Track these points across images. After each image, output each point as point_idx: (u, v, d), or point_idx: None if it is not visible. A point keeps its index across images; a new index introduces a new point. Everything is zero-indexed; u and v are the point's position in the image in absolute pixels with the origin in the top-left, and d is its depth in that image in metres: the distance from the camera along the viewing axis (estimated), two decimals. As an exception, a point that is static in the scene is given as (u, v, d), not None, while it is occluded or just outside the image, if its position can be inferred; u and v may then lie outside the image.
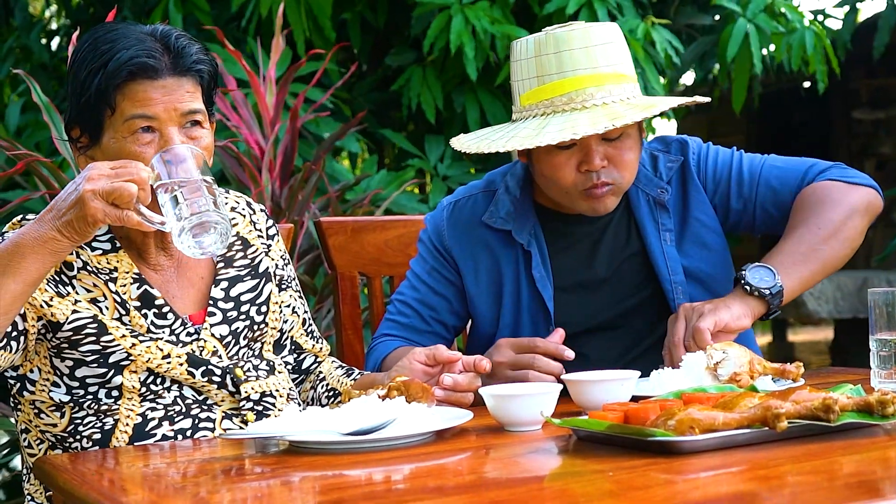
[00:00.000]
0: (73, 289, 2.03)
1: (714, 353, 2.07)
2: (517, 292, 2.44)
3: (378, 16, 5.32)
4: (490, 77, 5.08)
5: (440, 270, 2.51)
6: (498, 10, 4.88)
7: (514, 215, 2.45)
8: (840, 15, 6.77)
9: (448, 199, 2.57)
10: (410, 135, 5.66)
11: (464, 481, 1.59)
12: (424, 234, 2.56)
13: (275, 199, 4.02)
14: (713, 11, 5.58)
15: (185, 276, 2.15)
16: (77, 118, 2.04)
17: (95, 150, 2.04)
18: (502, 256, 2.45)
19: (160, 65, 1.99)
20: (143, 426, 2.03)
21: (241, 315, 2.17)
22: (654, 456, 1.59)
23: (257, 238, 2.27)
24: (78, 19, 5.98)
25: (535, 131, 2.24)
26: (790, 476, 1.50)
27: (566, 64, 2.27)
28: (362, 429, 1.78)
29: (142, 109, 1.98)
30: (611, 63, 2.28)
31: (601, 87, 2.26)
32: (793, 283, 2.27)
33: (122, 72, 1.97)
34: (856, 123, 9.79)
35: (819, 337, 11.64)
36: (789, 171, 2.46)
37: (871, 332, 2.03)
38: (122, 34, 2.01)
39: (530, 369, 2.17)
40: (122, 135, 1.99)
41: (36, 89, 3.46)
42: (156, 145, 1.99)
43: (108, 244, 2.09)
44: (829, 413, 1.63)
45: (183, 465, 1.78)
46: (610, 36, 2.30)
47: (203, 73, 2.05)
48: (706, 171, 2.47)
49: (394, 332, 2.51)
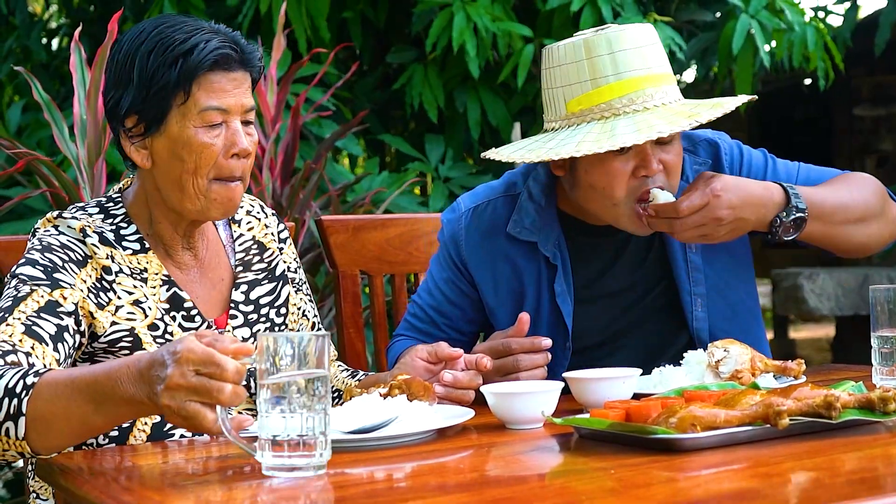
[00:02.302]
0: (114, 294, 2.02)
1: (715, 351, 2.07)
2: (538, 305, 2.37)
3: (379, 14, 5.32)
4: (492, 75, 5.08)
5: (456, 282, 2.45)
6: (499, 7, 4.87)
7: (538, 225, 2.35)
8: (841, 12, 6.76)
9: (467, 204, 2.46)
10: (412, 134, 5.66)
11: (465, 479, 1.59)
12: (442, 236, 2.49)
13: (276, 197, 4.02)
14: (714, 8, 5.57)
15: (207, 277, 2.16)
16: (138, 107, 2.02)
17: (155, 138, 2.03)
18: (525, 269, 2.38)
19: (236, 57, 2.02)
20: (161, 425, 2.03)
21: (261, 318, 2.18)
22: (655, 453, 1.59)
23: (272, 241, 2.27)
24: (78, 18, 5.98)
25: (605, 135, 2.13)
26: (792, 473, 1.50)
27: (621, 65, 2.17)
28: (364, 427, 1.78)
29: (217, 101, 2.00)
30: (661, 64, 2.22)
31: (658, 88, 2.18)
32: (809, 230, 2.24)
33: (207, 61, 1.98)
34: (857, 120, 9.78)
35: (820, 334, 11.64)
36: (828, 178, 2.41)
37: (873, 329, 2.03)
38: (192, 25, 2.03)
39: (517, 372, 2.14)
40: (194, 124, 2.00)
41: (37, 87, 3.46)
42: (223, 138, 2.01)
43: (136, 244, 2.09)
44: (830, 410, 1.63)
45: (184, 464, 1.78)
46: (653, 37, 2.23)
47: (259, 70, 2.09)
48: (739, 170, 2.39)
49: (410, 333, 2.50)
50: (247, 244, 2.24)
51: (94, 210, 2.12)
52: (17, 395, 1.72)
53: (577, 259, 2.38)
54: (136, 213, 2.12)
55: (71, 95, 3.35)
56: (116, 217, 2.11)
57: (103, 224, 2.08)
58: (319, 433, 1.55)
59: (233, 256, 2.22)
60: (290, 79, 4.18)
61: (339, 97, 5.26)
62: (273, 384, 1.54)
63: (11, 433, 1.74)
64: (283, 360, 1.54)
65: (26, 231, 4.12)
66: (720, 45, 5.19)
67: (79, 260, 2.02)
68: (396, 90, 5.25)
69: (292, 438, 1.53)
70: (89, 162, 3.34)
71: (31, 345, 1.88)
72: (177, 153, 2.01)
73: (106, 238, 2.06)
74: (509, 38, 4.82)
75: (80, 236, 2.04)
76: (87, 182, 3.34)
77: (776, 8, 5.24)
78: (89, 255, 2.03)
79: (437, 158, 5.12)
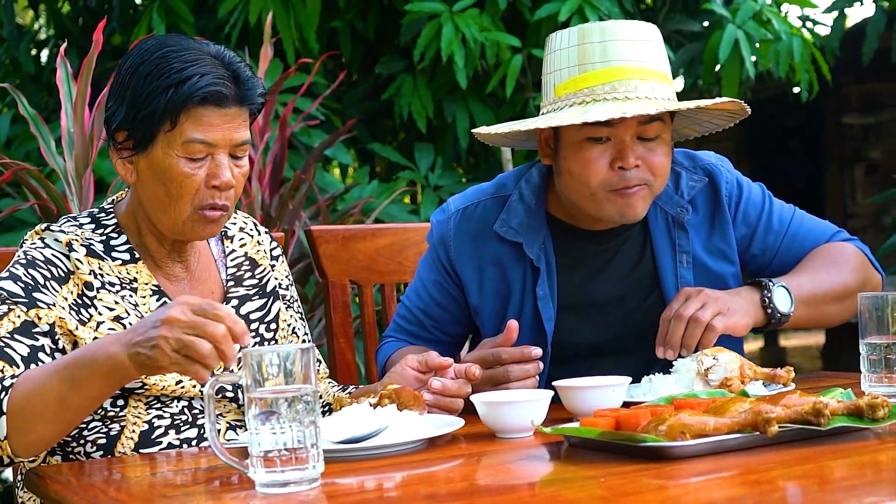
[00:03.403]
0: (95, 310, 2.03)
1: (705, 359, 2.07)
2: (521, 308, 2.36)
3: (368, 24, 5.32)
4: (480, 85, 5.08)
5: (443, 284, 2.45)
6: (488, 17, 4.88)
7: (526, 226, 2.35)
8: (828, 21, 6.79)
9: (456, 205, 2.45)
10: (401, 143, 5.66)
11: (455, 488, 1.59)
12: (430, 237, 2.48)
13: (265, 208, 4.01)
14: (702, 18, 5.59)
15: (196, 290, 2.17)
16: (128, 125, 2.03)
17: (140, 158, 2.04)
18: (511, 271, 2.37)
19: (230, 93, 2.01)
20: (149, 433, 2.03)
21: (251, 333, 2.17)
22: (645, 461, 1.59)
23: (264, 258, 2.28)
24: (67, 30, 5.98)
25: (576, 115, 2.13)
26: (781, 480, 1.50)
27: (610, 53, 2.17)
28: (354, 437, 1.78)
29: (203, 135, 2.00)
30: (655, 61, 2.21)
31: (645, 81, 2.17)
32: (795, 319, 2.27)
33: (195, 96, 1.98)
34: (846, 128, 9.80)
35: (811, 342, 11.65)
36: (818, 231, 2.43)
37: (861, 336, 2.03)
38: (194, 54, 2.01)
39: (508, 382, 2.13)
40: (177, 153, 2.00)
41: (22, 102, 3.46)
42: (206, 169, 2.01)
43: (126, 254, 2.10)
44: (819, 417, 1.64)
45: (173, 475, 1.78)
46: (654, 35, 2.24)
47: (259, 106, 2.08)
48: (737, 207, 2.39)
49: (398, 334, 2.51)
50: (238, 260, 2.24)
51: (85, 220, 2.13)
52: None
53: (564, 265, 2.37)
54: (127, 223, 2.13)
55: (60, 107, 3.36)
56: (107, 227, 2.12)
57: (93, 235, 2.09)
58: (311, 445, 1.55)
59: (224, 271, 2.22)
60: (278, 88, 4.18)
61: (329, 107, 5.26)
62: (260, 399, 1.54)
63: None
64: (269, 374, 1.54)
65: (16, 243, 4.12)
66: (706, 55, 5.20)
67: (61, 276, 2.03)
68: (386, 100, 5.26)
69: (284, 453, 1.54)
70: (77, 174, 3.33)
71: (1, 367, 1.91)
72: (159, 178, 2.02)
73: (94, 251, 2.07)
74: (497, 48, 4.83)
75: (65, 250, 2.05)
76: (76, 194, 3.34)
77: (763, 18, 5.25)
78: (72, 270, 2.04)
79: (427, 167, 5.12)
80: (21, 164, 3.42)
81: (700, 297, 2.16)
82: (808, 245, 2.42)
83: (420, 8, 4.83)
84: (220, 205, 2.04)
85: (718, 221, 2.39)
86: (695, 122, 2.42)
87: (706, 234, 2.39)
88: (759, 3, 5.26)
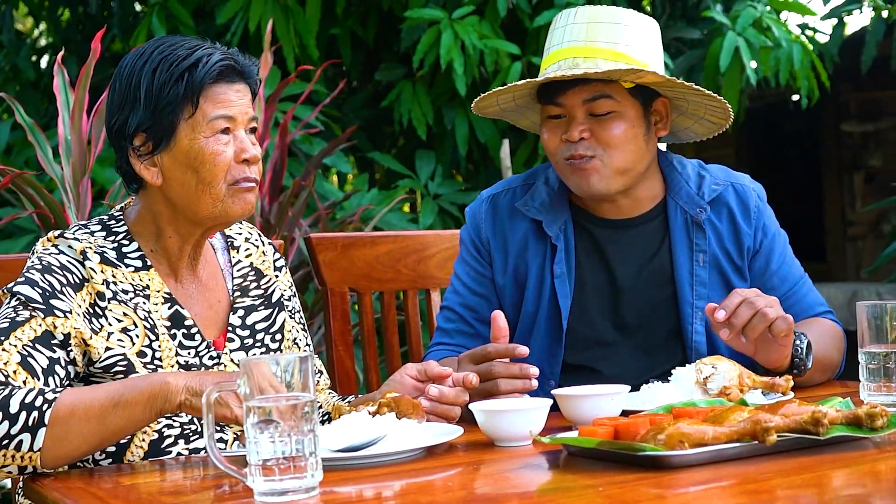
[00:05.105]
0: (105, 320, 2.03)
1: (704, 368, 2.07)
2: (539, 286, 2.45)
3: (368, 31, 5.33)
4: (480, 92, 5.08)
5: (477, 269, 2.52)
6: (487, 24, 4.89)
7: (547, 206, 2.47)
8: (827, 28, 6.79)
9: (487, 193, 2.58)
10: (401, 150, 5.66)
11: (454, 497, 1.59)
12: (465, 231, 2.58)
13: (264, 215, 4.02)
14: (702, 25, 5.60)
15: (205, 297, 2.18)
16: (146, 124, 2.05)
17: (163, 156, 2.06)
18: (531, 248, 2.47)
19: (237, 68, 2.08)
20: (159, 442, 2.03)
21: (256, 342, 2.19)
22: (644, 470, 1.59)
23: (269, 269, 2.29)
24: (67, 37, 5.99)
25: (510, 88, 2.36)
26: (780, 490, 1.50)
27: (567, 35, 2.34)
28: (353, 445, 1.78)
29: (224, 110, 2.05)
30: (612, 41, 2.31)
31: (589, 59, 2.31)
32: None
33: (212, 72, 2.03)
34: (845, 136, 9.81)
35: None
36: (815, 302, 2.53)
37: (860, 345, 2.03)
38: (192, 41, 2.08)
39: (493, 378, 2.12)
40: (203, 135, 2.04)
41: (19, 111, 3.46)
42: (232, 146, 2.06)
43: (138, 261, 2.11)
44: (818, 426, 1.63)
45: (172, 484, 1.78)
46: (628, 20, 2.35)
47: (257, 86, 2.14)
48: (758, 230, 2.47)
49: (443, 339, 2.54)
50: (244, 270, 2.25)
51: (96, 228, 2.13)
52: (36, 408, 1.80)
53: (582, 248, 2.46)
54: (139, 230, 2.13)
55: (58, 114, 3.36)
56: (118, 234, 2.12)
57: (105, 242, 2.10)
58: (309, 454, 1.55)
59: (230, 281, 2.23)
60: (277, 96, 4.19)
61: (328, 114, 5.27)
62: (259, 407, 1.54)
63: (24, 445, 1.80)
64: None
65: (15, 250, 4.12)
66: (707, 62, 5.21)
67: (76, 283, 2.03)
68: (385, 107, 5.26)
69: (282, 461, 1.54)
70: (74, 181, 3.34)
71: (24, 378, 1.90)
72: (190, 165, 2.04)
73: (107, 258, 2.07)
74: (497, 55, 4.84)
75: (79, 258, 2.05)
76: (73, 202, 3.34)
77: (763, 25, 5.26)
78: (87, 278, 2.04)
79: (427, 175, 5.12)
80: (18, 172, 3.42)
81: (770, 298, 2.19)
82: (801, 308, 2.49)
83: (419, 15, 4.83)
84: (252, 177, 2.09)
85: (743, 231, 2.46)
86: (691, 115, 2.52)
87: (726, 242, 2.45)
88: (759, 11, 5.27)
